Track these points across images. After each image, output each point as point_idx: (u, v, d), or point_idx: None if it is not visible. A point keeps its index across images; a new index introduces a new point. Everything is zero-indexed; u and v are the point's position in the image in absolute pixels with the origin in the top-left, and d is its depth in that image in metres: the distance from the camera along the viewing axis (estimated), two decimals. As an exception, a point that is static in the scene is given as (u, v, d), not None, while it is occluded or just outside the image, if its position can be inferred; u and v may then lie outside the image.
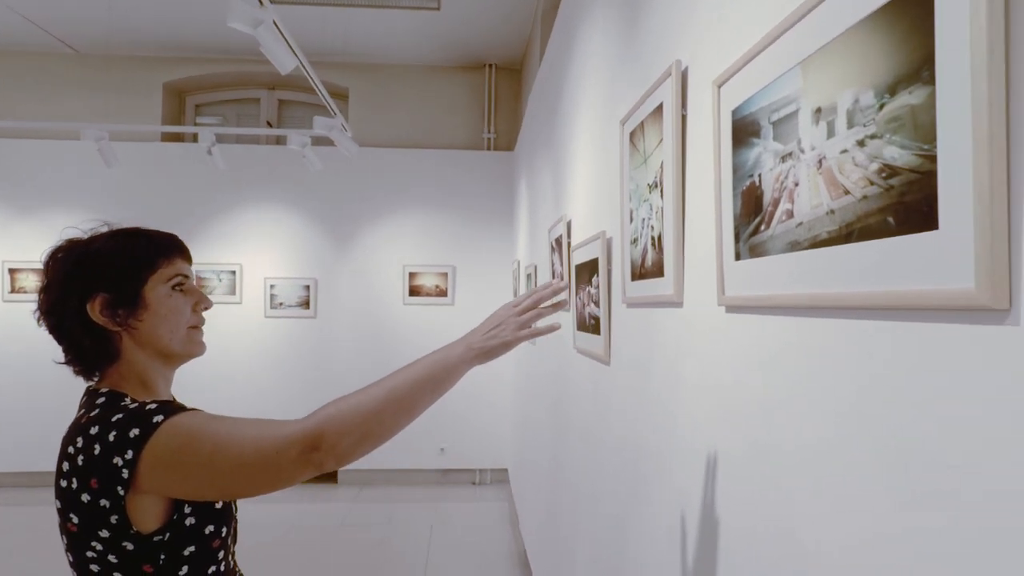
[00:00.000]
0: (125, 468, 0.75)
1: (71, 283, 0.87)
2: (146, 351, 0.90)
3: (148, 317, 0.89)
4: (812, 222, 0.64)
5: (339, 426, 0.79)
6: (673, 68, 1.06)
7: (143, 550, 0.78)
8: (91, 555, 0.78)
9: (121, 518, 0.76)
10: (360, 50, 5.03)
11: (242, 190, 5.01)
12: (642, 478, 1.28)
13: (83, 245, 0.91)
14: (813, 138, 0.64)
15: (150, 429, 0.77)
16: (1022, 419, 0.41)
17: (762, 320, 0.78)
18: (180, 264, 0.94)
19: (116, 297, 0.87)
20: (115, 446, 0.76)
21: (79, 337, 0.87)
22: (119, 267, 0.88)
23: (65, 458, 0.79)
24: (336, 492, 4.91)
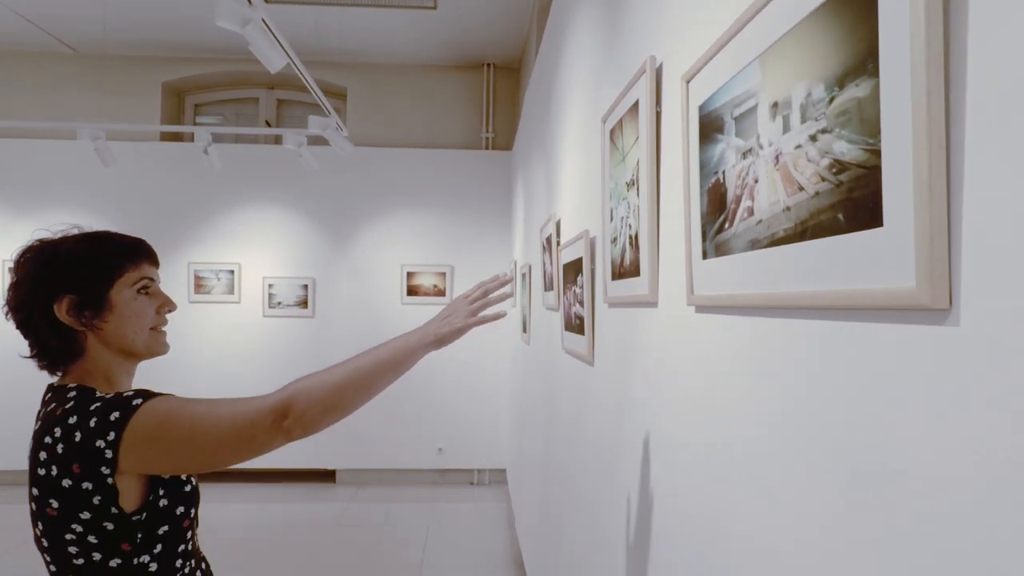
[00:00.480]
0: (108, 449, 0.81)
1: (39, 283, 0.91)
2: (110, 349, 0.94)
3: (113, 319, 0.93)
4: (770, 219, 0.62)
5: (307, 398, 0.87)
6: (648, 64, 1.04)
7: (122, 529, 0.84)
8: (70, 537, 0.83)
9: (104, 499, 0.82)
10: (357, 50, 5.02)
11: (241, 190, 5.02)
12: (620, 488, 1.26)
13: (52, 246, 0.94)
14: (771, 133, 0.62)
15: (130, 411, 0.83)
16: (960, 424, 0.39)
17: (727, 321, 0.76)
18: (146, 268, 0.98)
19: (82, 299, 0.91)
20: (96, 430, 0.81)
21: (46, 335, 0.91)
22: (86, 270, 0.92)
23: (42, 448, 0.83)
24: (334, 491, 4.90)
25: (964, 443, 0.39)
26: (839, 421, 0.53)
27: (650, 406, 1.09)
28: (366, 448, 4.99)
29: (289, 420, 0.86)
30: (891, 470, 0.46)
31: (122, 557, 0.85)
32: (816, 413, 0.57)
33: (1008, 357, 0.36)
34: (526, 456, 3.42)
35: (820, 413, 0.56)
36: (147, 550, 0.86)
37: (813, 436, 0.57)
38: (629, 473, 1.22)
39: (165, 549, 0.88)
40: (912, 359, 0.44)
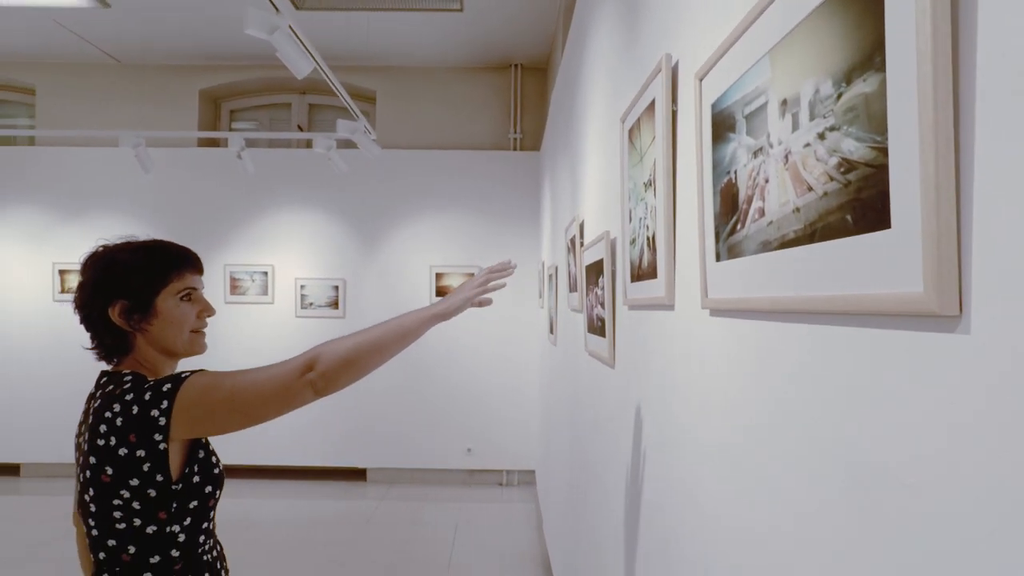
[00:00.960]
0: (162, 416, 0.95)
1: (98, 288, 1.06)
2: (155, 348, 1.08)
3: (157, 323, 1.07)
4: (780, 221, 0.60)
5: (328, 356, 1.01)
6: (663, 63, 1.02)
7: (162, 498, 0.97)
8: (118, 503, 0.96)
9: (153, 465, 0.95)
10: (386, 53, 5.08)
11: (274, 193, 5.13)
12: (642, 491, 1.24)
13: (111, 254, 1.09)
14: (780, 132, 0.60)
15: (179, 383, 0.98)
16: (970, 437, 0.37)
17: (740, 325, 0.74)
18: (189, 278, 1.12)
19: (132, 305, 1.05)
20: (151, 402, 0.96)
21: (102, 332, 1.07)
22: (137, 279, 1.06)
23: (102, 422, 0.97)
24: (365, 490, 4.97)
25: (973, 457, 0.37)
26: (846, 432, 0.50)
27: (668, 410, 1.07)
28: (396, 447, 5.05)
29: (313, 373, 0.99)
30: (897, 481, 0.44)
31: (157, 525, 0.98)
32: (820, 421, 0.54)
33: (1022, 368, 0.33)
34: (553, 457, 3.41)
35: (824, 422, 0.54)
36: (178, 521, 0.99)
37: (817, 442, 0.55)
38: (650, 477, 1.20)
39: (192, 523, 1.01)
40: (922, 369, 0.42)
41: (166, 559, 0.99)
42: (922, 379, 0.41)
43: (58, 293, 5.12)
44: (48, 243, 5.14)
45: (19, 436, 5.07)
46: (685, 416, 0.98)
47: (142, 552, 0.98)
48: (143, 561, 0.98)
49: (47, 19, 4.49)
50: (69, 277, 5.13)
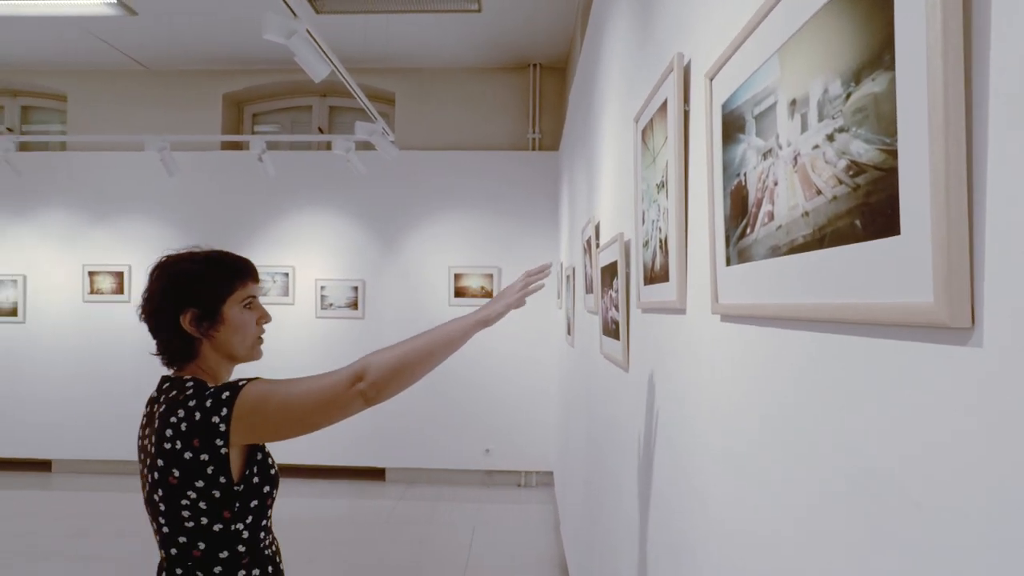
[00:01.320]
0: (222, 423, 0.99)
1: (169, 296, 1.11)
2: (219, 354, 1.14)
3: (224, 329, 1.12)
4: (790, 225, 0.58)
5: (377, 366, 1.05)
6: (675, 62, 1.00)
7: (226, 498, 1.02)
8: (185, 503, 1.01)
9: (216, 468, 1.00)
10: (405, 55, 5.11)
11: (295, 195, 5.20)
12: (657, 497, 1.22)
13: (180, 264, 1.14)
14: (789, 133, 0.58)
15: (237, 391, 1.01)
16: (981, 456, 0.35)
17: (750, 332, 0.72)
18: (251, 286, 1.17)
19: (202, 312, 1.10)
20: (212, 409, 1.00)
21: (171, 339, 1.11)
22: (207, 289, 1.11)
23: (168, 426, 1.01)
24: (383, 489, 5.00)
25: (983, 472, 0.34)
26: (851, 441, 0.48)
27: (681, 415, 1.05)
28: (415, 447, 5.07)
29: (364, 383, 1.03)
30: (903, 494, 0.41)
31: (223, 523, 1.03)
32: (824, 430, 0.52)
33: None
34: (570, 459, 3.39)
35: (829, 431, 0.52)
36: (242, 519, 1.05)
37: (822, 450, 0.53)
38: (663, 481, 1.18)
39: (254, 520, 1.07)
40: (932, 382, 0.39)
41: (233, 554, 1.05)
42: (932, 392, 0.39)
43: (87, 294, 5.25)
44: (79, 245, 5.28)
45: (50, 433, 5.21)
46: (697, 422, 0.96)
47: (211, 548, 1.03)
48: (213, 556, 1.04)
49: (77, 28, 4.61)
50: (98, 278, 5.26)
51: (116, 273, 5.23)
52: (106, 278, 5.25)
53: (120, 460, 5.17)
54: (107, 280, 5.25)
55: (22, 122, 5.85)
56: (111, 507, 4.50)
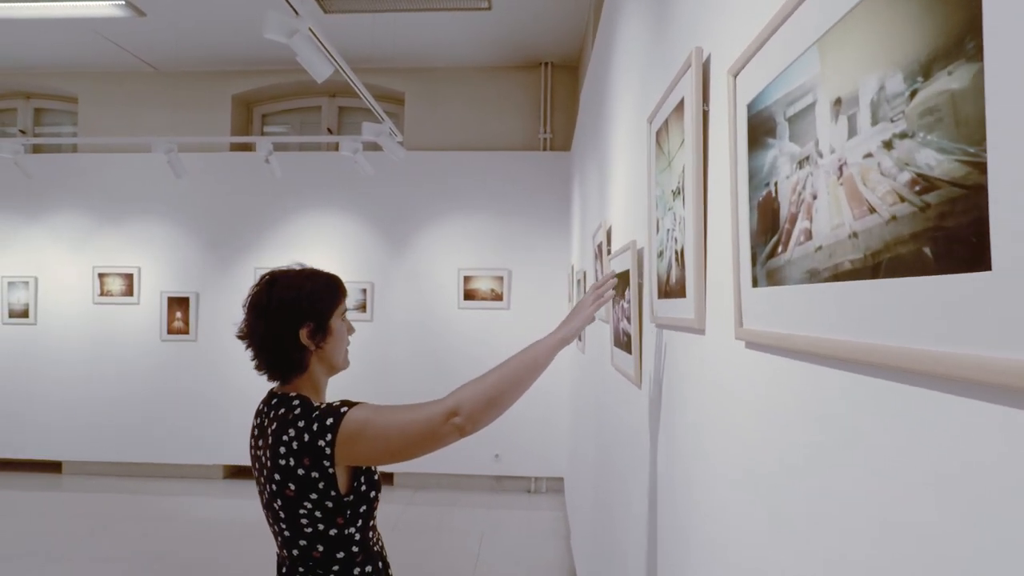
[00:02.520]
0: (327, 447, 1.07)
1: (288, 312, 1.17)
2: (323, 365, 1.22)
3: (331, 341, 1.21)
4: (833, 247, 0.49)
5: (471, 399, 1.11)
6: (693, 57, 0.91)
7: (338, 507, 1.11)
8: (303, 512, 1.11)
9: (326, 484, 1.08)
10: (414, 54, 5.04)
11: (304, 196, 5.15)
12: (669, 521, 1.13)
13: (292, 281, 1.21)
14: (832, 138, 0.49)
15: (340, 417, 1.09)
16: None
17: (781, 364, 0.63)
18: (345, 300, 1.27)
19: (317, 326, 1.18)
20: (318, 433, 1.08)
21: (287, 353, 1.17)
22: (321, 303, 1.20)
23: (281, 444, 1.09)
24: (392, 494, 4.94)
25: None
26: (893, 504, 0.39)
27: (697, 441, 0.96)
28: (423, 452, 5.00)
29: (460, 418, 1.09)
30: None
31: (337, 528, 1.12)
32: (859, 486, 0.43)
33: None
34: (580, 466, 3.30)
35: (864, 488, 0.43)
36: (353, 523, 1.14)
37: (855, 506, 0.44)
38: (674, 504, 1.09)
39: (364, 523, 1.15)
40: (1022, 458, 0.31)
41: (349, 554, 1.14)
42: None
43: (97, 296, 5.25)
44: (89, 247, 5.28)
45: (60, 434, 5.22)
46: (713, 450, 0.87)
47: (329, 550, 1.13)
48: (331, 556, 1.13)
49: (87, 30, 4.60)
50: (108, 280, 5.25)
51: (126, 275, 5.22)
52: (116, 280, 5.24)
53: (128, 463, 5.16)
54: (117, 282, 5.24)
55: (35, 124, 5.87)
56: (119, 509, 4.48)
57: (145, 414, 5.15)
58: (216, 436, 5.09)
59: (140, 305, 5.21)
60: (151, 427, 5.14)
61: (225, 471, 5.22)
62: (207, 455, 5.12)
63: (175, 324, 5.15)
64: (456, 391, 1.12)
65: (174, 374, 5.14)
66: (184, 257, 5.19)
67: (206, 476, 5.18)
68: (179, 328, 5.15)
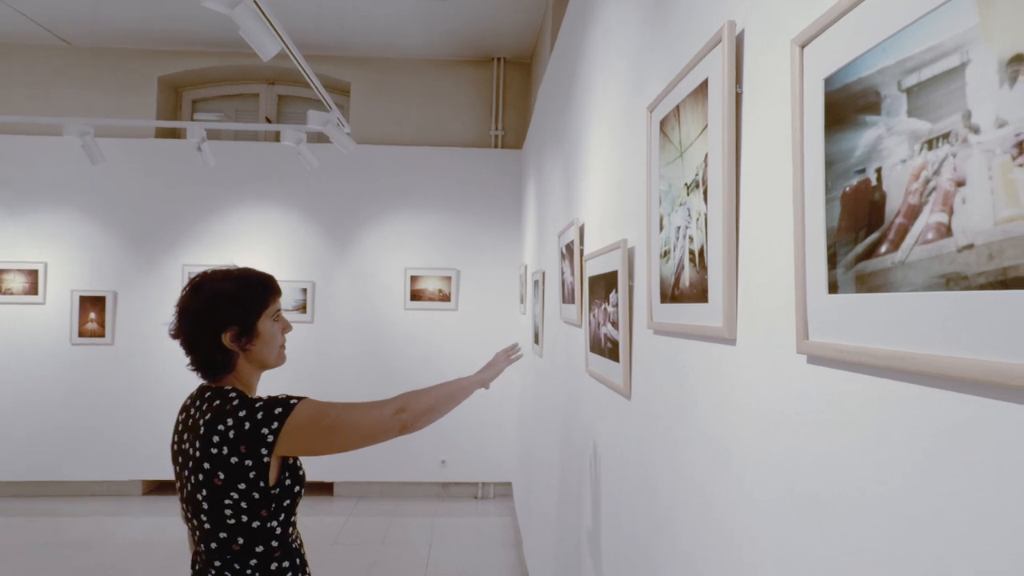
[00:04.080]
0: (271, 435, 1.10)
1: (210, 316, 1.18)
2: (252, 365, 1.24)
3: (258, 343, 1.22)
4: (999, 245, 0.39)
5: (416, 401, 1.26)
6: (724, 32, 0.81)
7: (264, 499, 1.13)
8: (228, 502, 1.12)
9: (257, 474, 1.11)
10: (361, 42, 4.80)
11: (240, 188, 4.80)
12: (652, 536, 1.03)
13: (217, 285, 1.21)
14: (1002, 107, 0.39)
15: (290, 408, 1.13)
16: None
17: (875, 386, 0.53)
18: (278, 300, 1.28)
19: (241, 330, 1.20)
20: (263, 421, 1.11)
21: (211, 355, 1.19)
22: (245, 308, 1.20)
23: (215, 433, 1.11)
24: (331, 505, 4.68)
25: None
26: None
27: (717, 465, 0.86)
28: (366, 459, 4.77)
29: (407, 415, 1.22)
30: None
31: (260, 520, 1.14)
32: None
33: None
34: (537, 474, 3.19)
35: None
36: (276, 517, 1.16)
37: None
38: (678, 536, 0.99)
39: (285, 517, 1.18)
40: None
41: (268, 548, 1.16)
42: None
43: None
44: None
45: (-50, 449, 4.62)
46: (745, 477, 0.77)
47: (249, 543, 1.14)
48: (250, 550, 1.14)
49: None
50: (8, 277, 4.70)
51: (29, 271, 4.70)
52: (17, 277, 4.71)
53: (33, 482, 4.63)
54: (18, 279, 4.71)
55: (-78, 99, 5.20)
56: (24, 536, 4.00)
57: (53, 426, 4.64)
58: (135, 449, 4.65)
59: (46, 305, 4.70)
60: (60, 440, 4.64)
61: (145, 487, 4.78)
62: (125, 470, 4.67)
63: (88, 326, 4.68)
64: (403, 395, 1.25)
65: (86, 381, 4.67)
66: (100, 253, 4.72)
67: (124, 493, 4.73)
68: (93, 330, 4.68)
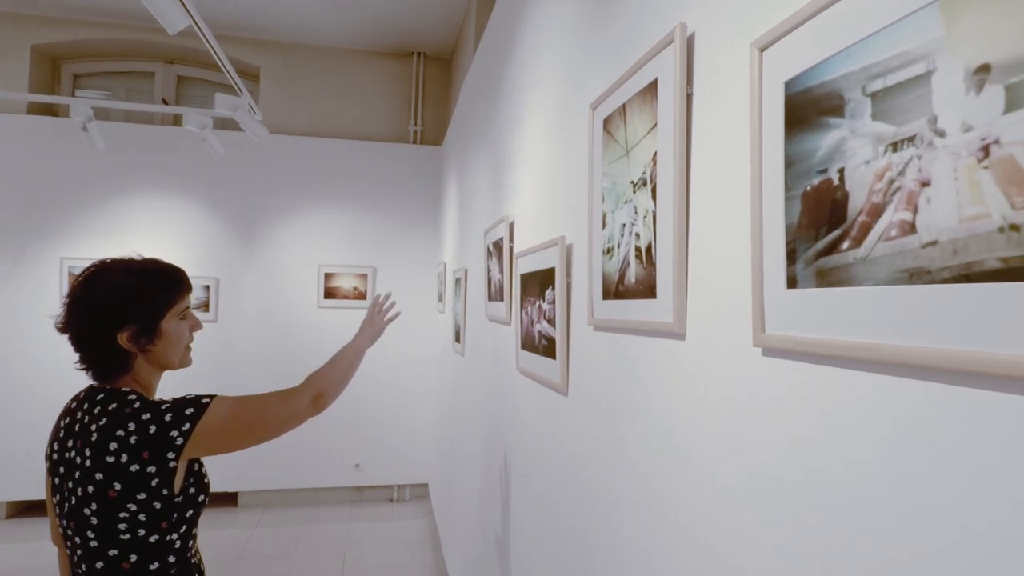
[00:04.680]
0: (181, 437, 1.01)
1: (104, 313, 1.05)
2: (153, 365, 1.12)
3: (161, 343, 1.10)
4: (964, 241, 0.42)
5: (326, 383, 1.22)
6: (677, 34, 0.83)
7: (165, 509, 1.03)
8: (124, 515, 1.00)
9: (160, 482, 1.00)
10: (273, 25, 4.54)
11: (130, 175, 4.39)
12: (593, 529, 1.05)
13: (115, 277, 1.07)
14: (968, 113, 0.41)
15: (202, 408, 1.05)
16: None
17: (831, 376, 0.56)
18: (186, 297, 1.15)
19: (141, 329, 1.08)
20: (172, 423, 1.01)
21: (106, 355, 1.07)
22: (147, 305, 1.08)
23: (112, 439, 0.99)
24: (235, 517, 4.39)
25: None
26: None
27: (661, 462, 0.88)
28: (273, 467, 4.52)
29: (324, 399, 1.20)
30: None
31: (159, 534, 1.03)
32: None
33: None
34: (458, 473, 3.16)
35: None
36: (177, 529, 1.05)
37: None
38: (632, 521, 1.00)
39: (186, 530, 1.08)
40: None
41: (164, 564, 1.05)
42: None
43: None
44: None
45: None
46: (696, 460, 0.79)
47: (143, 559, 1.03)
48: (143, 568, 1.03)
49: None
50: None
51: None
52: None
53: None
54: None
55: None
56: None
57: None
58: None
59: None
60: (-96, 456, 4.03)
61: (8, 509, 4.25)
62: (-12, 487, 4.13)
63: (-57, 325, 4.09)
64: (314, 380, 1.21)
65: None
66: (-42, 241, 4.15)
67: (-14, 514, 4.19)
68: (-51, 330, 4.10)
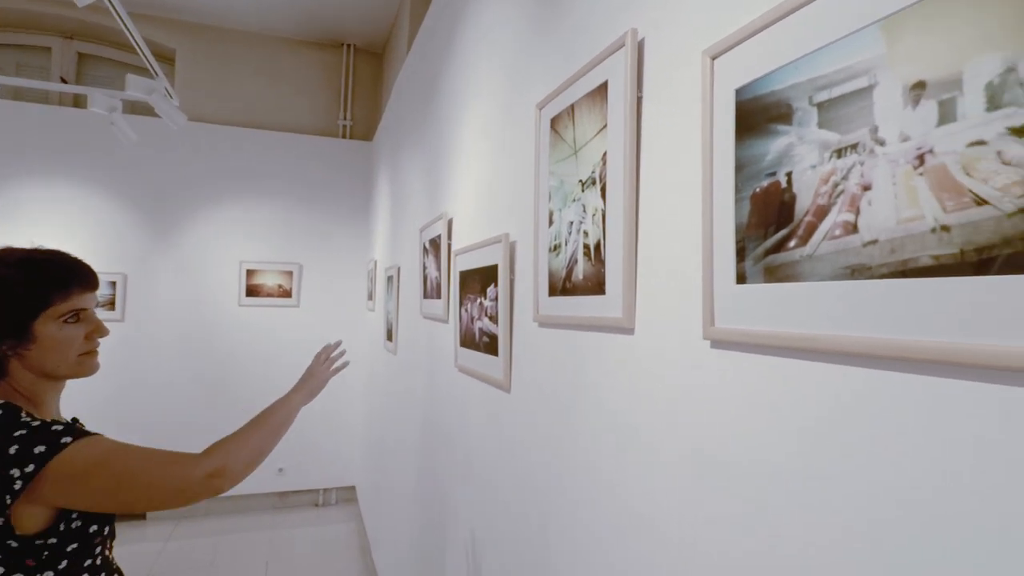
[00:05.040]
0: (20, 480, 0.82)
1: None
2: (33, 372, 0.95)
3: (36, 348, 0.93)
4: (901, 241, 0.46)
5: (233, 458, 0.96)
6: (628, 39, 0.86)
7: (26, 549, 0.85)
8: None
9: (6, 523, 0.83)
10: (191, 5, 4.28)
11: (23, 159, 4.00)
12: (539, 526, 1.07)
13: None
14: (906, 125, 0.46)
15: (57, 448, 0.85)
16: None
17: (776, 365, 0.60)
18: (77, 298, 0.97)
19: (4, 330, 0.91)
20: (15, 459, 0.83)
21: None
22: (10, 304, 0.91)
23: None
24: (144, 531, 4.10)
25: None
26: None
27: (612, 455, 0.91)
28: (189, 474, 4.26)
29: (222, 480, 0.93)
30: None
31: (26, 572, 0.86)
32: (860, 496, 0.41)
33: None
34: (389, 475, 3.11)
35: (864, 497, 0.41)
36: (51, 566, 0.87)
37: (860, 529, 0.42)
38: (571, 524, 1.03)
39: (70, 564, 0.89)
40: None
41: None
42: None
43: None
44: None
45: None
46: (635, 467, 0.83)
47: None
48: None
49: None
50: None
51: None
52: None
53: None
54: None
55: None
56: None
57: None
58: None
59: None
60: None
61: None
62: None
63: None
64: (218, 451, 0.96)
65: None
66: None
67: None
68: None
